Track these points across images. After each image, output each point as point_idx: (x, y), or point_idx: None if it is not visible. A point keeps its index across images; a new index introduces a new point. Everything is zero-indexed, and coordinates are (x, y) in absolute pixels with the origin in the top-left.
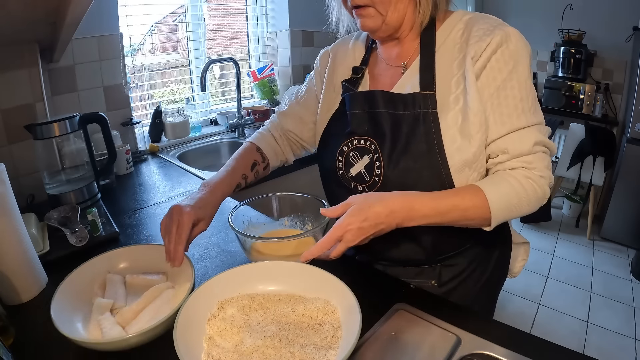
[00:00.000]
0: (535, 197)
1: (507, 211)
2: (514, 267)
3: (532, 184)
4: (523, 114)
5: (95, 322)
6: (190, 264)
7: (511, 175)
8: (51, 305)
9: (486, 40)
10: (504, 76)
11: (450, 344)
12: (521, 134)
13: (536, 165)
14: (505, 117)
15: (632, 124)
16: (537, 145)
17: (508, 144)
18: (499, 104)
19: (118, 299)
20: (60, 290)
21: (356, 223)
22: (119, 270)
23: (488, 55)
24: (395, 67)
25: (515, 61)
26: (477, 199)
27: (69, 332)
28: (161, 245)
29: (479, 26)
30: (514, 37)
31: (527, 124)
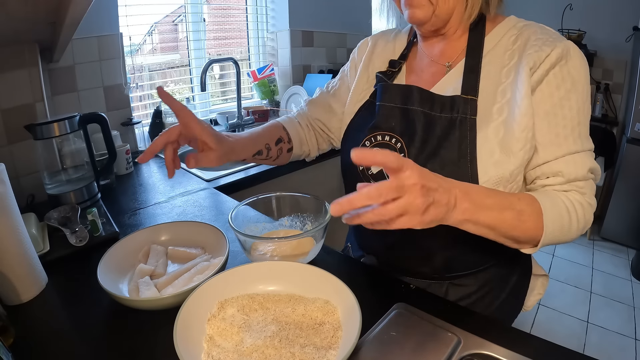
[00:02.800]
0: (583, 224)
1: (559, 232)
2: (528, 299)
3: (582, 210)
4: (579, 138)
5: (135, 284)
6: (226, 239)
7: (566, 196)
8: (98, 265)
9: (546, 51)
10: (562, 94)
11: (450, 344)
12: (576, 158)
13: (587, 191)
14: (561, 139)
15: (632, 124)
16: (590, 172)
17: (562, 167)
18: (555, 124)
19: (159, 267)
20: (108, 254)
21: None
22: (163, 242)
23: (547, 68)
24: (439, 65)
25: (574, 79)
26: (533, 208)
27: (110, 289)
28: (201, 222)
29: (537, 35)
30: (574, 53)
31: (582, 148)
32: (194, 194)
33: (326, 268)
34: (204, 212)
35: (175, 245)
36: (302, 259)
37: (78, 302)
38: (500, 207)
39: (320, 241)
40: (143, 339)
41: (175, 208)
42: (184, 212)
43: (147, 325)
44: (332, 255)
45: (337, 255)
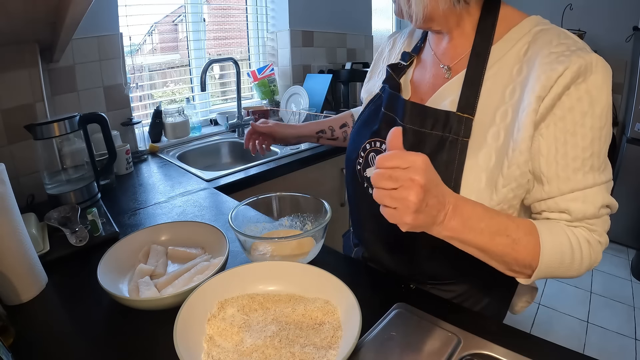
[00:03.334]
0: (588, 262)
1: (557, 267)
2: (516, 304)
3: (589, 248)
4: (591, 171)
5: (135, 284)
6: (226, 239)
7: (571, 230)
8: (98, 265)
9: (558, 70)
10: (576, 118)
11: (450, 344)
12: (587, 194)
13: (597, 228)
14: (570, 172)
15: (632, 124)
16: (604, 208)
17: (570, 204)
18: (564, 154)
19: (159, 267)
20: (108, 254)
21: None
22: (163, 242)
23: (559, 92)
24: (440, 69)
25: (593, 100)
26: (530, 238)
27: (110, 289)
28: (201, 222)
29: (551, 48)
30: (596, 68)
31: (594, 183)
32: (194, 194)
33: (326, 268)
34: (204, 212)
35: (175, 245)
36: (302, 259)
37: (78, 302)
38: (493, 232)
39: (320, 241)
40: (143, 339)
41: (175, 208)
42: (184, 212)
43: (147, 325)
44: (332, 255)
45: (337, 255)
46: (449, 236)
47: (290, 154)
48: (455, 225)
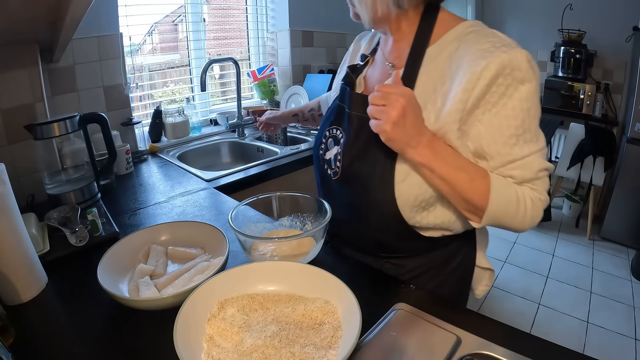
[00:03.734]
0: (531, 215)
1: (504, 212)
2: (476, 288)
3: (533, 205)
4: (526, 144)
5: (135, 284)
6: (226, 239)
7: (519, 186)
8: (98, 265)
9: (481, 65)
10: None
11: (450, 344)
12: (525, 162)
13: (538, 188)
14: (508, 148)
15: (632, 124)
16: (542, 171)
17: (512, 172)
18: (501, 134)
19: (159, 267)
20: (108, 254)
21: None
22: (163, 242)
23: (487, 83)
24: (386, 66)
25: (519, 87)
26: (485, 181)
27: (110, 289)
28: (201, 222)
29: (478, 46)
30: (520, 61)
31: (530, 152)
32: (194, 194)
33: (326, 268)
34: (204, 212)
35: (175, 245)
36: (302, 259)
37: (78, 302)
38: (457, 167)
39: (320, 241)
40: (143, 339)
41: (175, 208)
42: (184, 212)
43: (147, 325)
44: (332, 255)
45: (337, 255)
46: (420, 162)
47: (290, 154)
48: (427, 153)
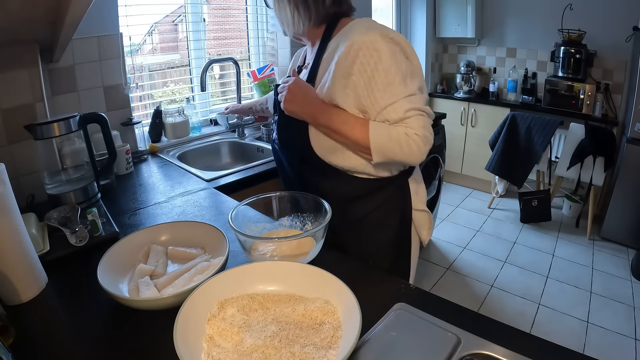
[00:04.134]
0: (410, 149)
1: (384, 146)
2: (421, 234)
3: (407, 138)
4: (393, 94)
5: (135, 284)
6: (226, 239)
7: (393, 127)
8: (98, 265)
9: (347, 45)
10: (373, 70)
11: (450, 344)
12: (395, 106)
13: (412, 124)
14: (380, 100)
15: (632, 124)
16: (410, 111)
17: (386, 115)
18: (372, 90)
19: (159, 267)
20: (108, 254)
21: (293, 86)
22: (163, 242)
23: (353, 57)
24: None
25: (379, 57)
26: (363, 127)
27: (110, 289)
28: (201, 222)
29: (347, 35)
30: (373, 39)
31: (397, 98)
32: (194, 194)
33: (326, 268)
34: (204, 212)
35: (175, 245)
36: (302, 259)
37: (78, 302)
38: (342, 121)
39: (320, 241)
40: (143, 339)
41: (175, 208)
42: (184, 212)
43: (147, 325)
44: (332, 255)
45: (337, 255)
46: (314, 123)
47: None
48: (318, 117)
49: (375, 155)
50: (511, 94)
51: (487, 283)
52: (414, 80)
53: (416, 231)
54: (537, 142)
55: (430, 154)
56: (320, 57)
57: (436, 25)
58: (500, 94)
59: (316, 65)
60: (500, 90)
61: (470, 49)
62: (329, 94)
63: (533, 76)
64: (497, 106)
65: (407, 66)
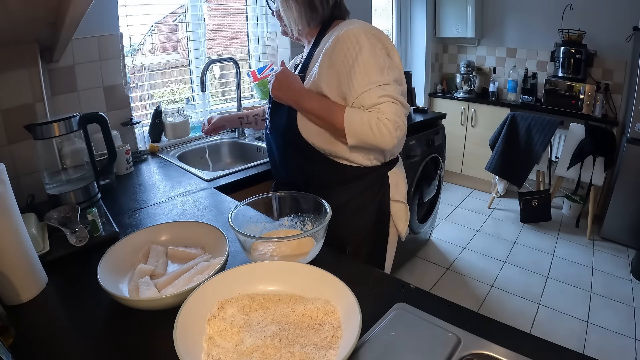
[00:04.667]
0: (380, 132)
1: (357, 129)
2: (398, 225)
3: (378, 122)
4: (368, 82)
5: (135, 284)
6: (226, 239)
7: (366, 112)
8: (98, 265)
9: (333, 37)
10: (352, 61)
11: (450, 344)
12: (369, 92)
13: (383, 110)
14: (356, 86)
15: (632, 124)
16: (383, 97)
17: (362, 101)
18: (351, 77)
19: (159, 267)
20: (108, 254)
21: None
22: (163, 242)
23: (335, 48)
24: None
25: (360, 49)
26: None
27: (110, 289)
28: (201, 222)
29: (335, 32)
30: (354, 33)
31: (372, 86)
32: (194, 194)
33: (326, 268)
34: (204, 212)
35: (175, 245)
36: (302, 259)
37: (78, 302)
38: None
39: (320, 241)
40: (143, 339)
41: (175, 208)
42: (184, 212)
43: (147, 325)
44: (332, 255)
45: (337, 255)
46: (296, 107)
47: None
48: (301, 102)
49: (350, 137)
50: (511, 94)
51: (487, 283)
52: (391, 72)
53: (394, 223)
54: (537, 142)
55: (430, 154)
56: (312, 53)
57: (436, 25)
58: (500, 94)
59: (308, 60)
60: (500, 90)
61: (470, 49)
62: (315, 83)
63: (533, 76)
64: (497, 106)
65: (386, 60)
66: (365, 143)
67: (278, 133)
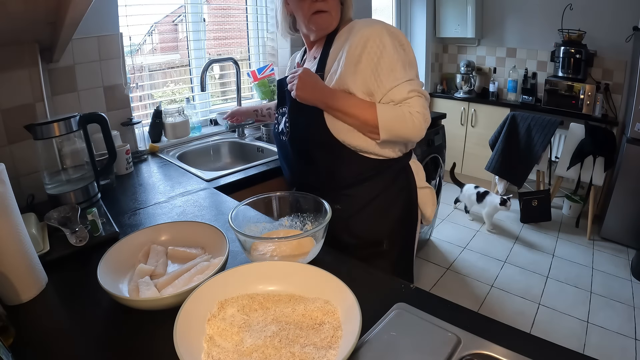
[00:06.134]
0: (413, 125)
1: (391, 123)
2: (426, 211)
3: (410, 115)
4: (396, 79)
5: (135, 284)
6: (226, 239)
7: (397, 107)
8: (98, 265)
9: (357, 36)
10: (378, 58)
11: (450, 344)
12: (399, 88)
13: (413, 104)
14: (386, 83)
15: (632, 124)
16: (412, 92)
17: (391, 96)
18: (378, 74)
19: (159, 267)
20: (108, 254)
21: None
22: (163, 242)
23: (361, 47)
24: (312, 60)
25: (383, 47)
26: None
27: (110, 289)
28: (201, 222)
29: (355, 28)
30: (379, 31)
31: (400, 81)
32: (194, 194)
33: (326, 268)
34: (204, 212)
35: (175, 245)
36: (302, 259)
37: (78, 302)
38: (351, 105)
39: (320, 241)
40: (143, 339)
41: (175, 208)
42: (184, 212)
43: (147, 325)
44: (332, 255)
45: (337, 255)
46: (325, 106)
47: None
48: (329, 102)
49: (383, 132)
50: (511, 94)
51: (487, 283)
52: (412, 69)
53: (420, 209)
54: (537, 142)
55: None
56: (327, 51)
57: (436, 25)
58: (500, 94)
59: (324, 57)
60: (500, 90)
61: (470, 49)
62: (340, 80)
63: (533, 76)
64: (497, 106)
65: (405, 57)
66: (397, 136)
67: (300, 135)
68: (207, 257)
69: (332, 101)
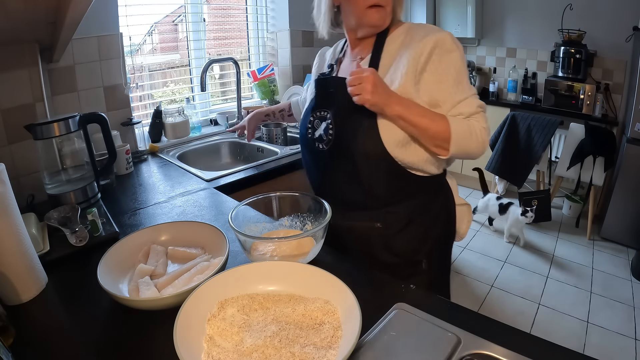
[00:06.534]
0: (479, 141)
1: (463, 139)
2: (461, 228)
3: (481, 131)
4: (464, 90)
5: (135, 284)
6: (226, 239)
7: (467, 119)
8: (98, 265)
9: (420, 46)
10: (444, 68)
11: (450, 344)
12: (467, 101)
13: (480, 119)
14: (453, 95)
15: (632, 124)
16: (479, 107)
17: (460, 109)
18: (447, 86)
19: (159, 267)
20: (108, 254)
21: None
22: (163, 242)
23: (427, 55)
24: (354, 61)
25: (449, 57)
26: (443, 119)
27: (110, 289)
28: (201, 222)
29: (418, 34)
30: (444, 40)
31: (468, 94)
32: (194, 194)
33: (326, 268)
34: (204, 212)
35: (175, 245)
36: (302, 259)
37: (78, 302)
38: (421, 114)
39: (320, 241)
40: (143, 339)
41: (175, 208)
42: (184, 212)
43: (147, 325)
44: (332, 255)
45: (337, 255)
46: (395, 115)
47: (290, 154)
48: (398, 109)
49: (453, 146)
50: (511, 94)
51: (487, 283)
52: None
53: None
54: (537, 142)
55: None
56: (379, 52)
57: (436, 25)
58: (500, 94)
59: (376, 59)
60: (500, 90)
61: (470, 49)
62: (402, 88)
63: (533, 76)
64: (497, 106)
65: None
66: (464, 152)
67: (347, 145)
68: (207, 257)
69: (401, 109)
